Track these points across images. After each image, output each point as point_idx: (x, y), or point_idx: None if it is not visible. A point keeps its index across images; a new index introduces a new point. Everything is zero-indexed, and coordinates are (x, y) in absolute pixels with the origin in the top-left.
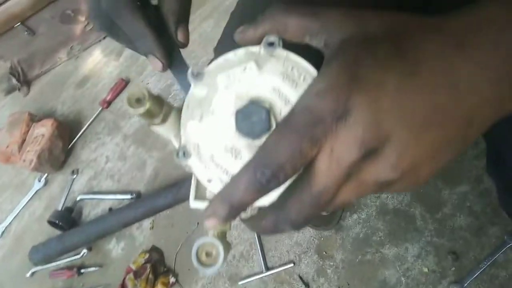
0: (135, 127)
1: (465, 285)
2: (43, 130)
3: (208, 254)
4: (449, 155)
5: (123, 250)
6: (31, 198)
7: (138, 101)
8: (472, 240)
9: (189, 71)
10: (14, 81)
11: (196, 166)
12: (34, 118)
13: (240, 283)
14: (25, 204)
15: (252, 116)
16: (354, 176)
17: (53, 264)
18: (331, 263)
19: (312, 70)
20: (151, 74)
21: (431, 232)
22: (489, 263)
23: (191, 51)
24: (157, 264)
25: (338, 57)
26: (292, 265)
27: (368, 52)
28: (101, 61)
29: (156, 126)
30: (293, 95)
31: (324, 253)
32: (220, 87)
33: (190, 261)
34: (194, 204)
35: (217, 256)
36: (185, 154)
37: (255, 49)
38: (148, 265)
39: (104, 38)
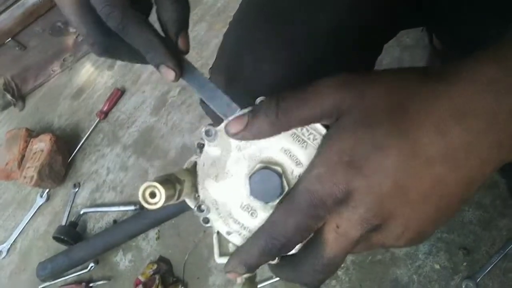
0: (134, 137)
1: (478, 280)
2: (42, 145)
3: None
4: (452, 213)
5: (131, 262)
6: (34, 214)
7: (153, 195)
8: (482, 234)
9: (203, 130)
10: (8, 96)
11: (215, 220)
12: (31, 134)
13: None
14: (29, 221)
15: (265, 182)
16: (363, 242)
17: (61, 279)
18: (342, 265)
19: (321, 129)
20: (146, 82)
21: (441, 228)
22: (501, 256)
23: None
24: (165, 274)
25: (336, 139)
26: None
27: (366, 133)
28: (95, 71)
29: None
30: (303, 156)
31: None
32: (233, 149)
33: (199, 270)
34: (220, 260)
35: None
36: (204, 209)
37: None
38: (157, 276)
39: None
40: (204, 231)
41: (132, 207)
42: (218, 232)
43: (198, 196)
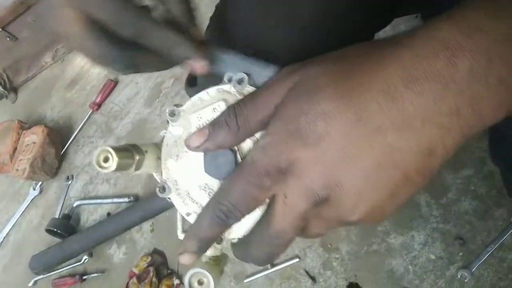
0: (127, 129)
1: (473, 269)
2: (34, 137)
3: (200, 283)
4: (413, 187)
5: (125, 254)
6: (27, 207)
7: (107, 160)
8: (478, 224)
9: (167, 110)
10: (0, 88)
11: (175, 200)
12: (24, 126)
13: (245, 281)
14: (22, 213)
15: (218, 158)
16: (314, 217)
17: (55, 272)
18: (337, 256)
19: None
20: (140, 73)
21: (436, 218)
22: (496, 246)
23: None
24: (160, 267)
25: (281, 112)
26: (297, 260)
27: (308, 102)
28: (88, 62)
29: (134, 171)
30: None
31: (329, 246)
32: (193, 128)
33: (193, 262)
34: (182, 236)
35: (208, 284)
36: (166, 189)
37: (226, 87)
38: (151, 269)
39: None
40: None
41: (126, 200)
42: None
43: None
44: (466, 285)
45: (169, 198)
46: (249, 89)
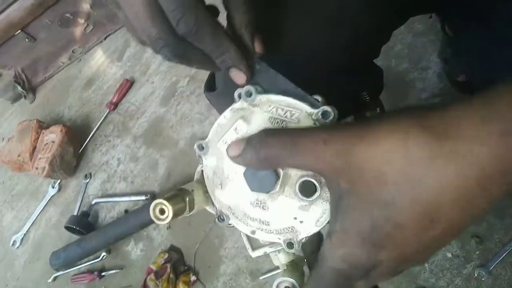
0: (144, 128)
1: (491, 268)
2: (53, 136)
3: None
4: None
5: (142, 251)
6: (46, 204)
7: (163, 212)
8: (495, 222)
9: (195, 146)
10: (19, 89)
11: (237, 224)
12: (42, 125)
13: (261, 278)
14: (41, 211)
15: (257, 173)
16: None
17: (74, 268)
18: None
19: (294, 103)
20: (155, 73)
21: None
22: None
23: None
24: (177, 263)
25: (353, 220)
26: None
27: (381, 213)
28: (104, 62)
29: (189, 213)
30: None
31: None
32: (225, 154)
33: (210, 259)
34: (254, 254)
35: None
36: (224, 218)
37: (238, 105)
38: (169, 265)
39: (105, 39)
40: (215, 220)
41: (143, 197)
42: None
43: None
44: (483, 283)
45: (229, 225)
46: (260, 98)
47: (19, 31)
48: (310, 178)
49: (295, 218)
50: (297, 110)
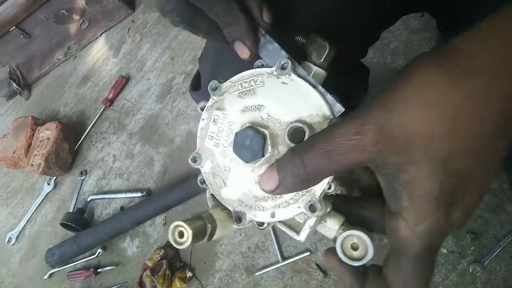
0: (139, 125)
1: (486, 263)
2: (48, 133)
3: (354, 248)
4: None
5: (138, 247)
6: (42, 201)
7: (181, 235)
8: (490, 218)
9: (189, 161)
10: (14, 85)
11: (254, 216)
12: (38, 122)
13: (257, 274)
14: (37, 208)
15: (244, 143)
16: None
17: (70, 265)
18: None
19: (250, 73)
20: (151, 70)
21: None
22: (508, 240)
23: (190, 43)
24: (173, 259)
25: (418, 193)
26: (308, 253)
27: (447, 179)
28: (100, 58)
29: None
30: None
31: None
32: (215, 150)
33: (206, 255)
34: (302, 237)
35: (365, 248)
36: (241, 217)
37: (210, 102)
38: (164, 261)
39: (101, 35)
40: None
41: (138, 194)
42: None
43: (230, 211)
44: (478, 279)
45: (250, 222)
46: (225, 83)
47: (14, 27)
48: (296, 124)
49: None
50: (258, 75)
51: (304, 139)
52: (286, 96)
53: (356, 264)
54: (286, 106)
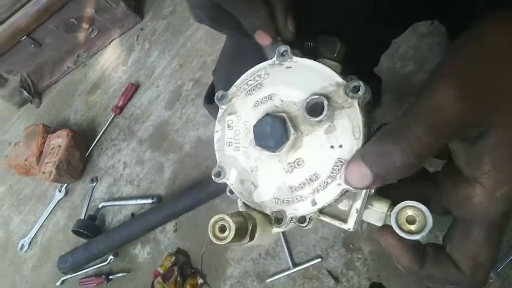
0: (149, 131)
1: (499, 269)
2: (59, 141)
3: (410, 221)
4: None
5: (149, 254)
6: (53, 208)
7: (223, 230)
8: None
9: (212, 176)
10: (25, 93)
11: (295, 210)
12: (48, 130)
13: (268, 280)
14: (48, 215)
15: (265, 132)
16: None
17: (82, 272)
18: (359, 256)
19: (252, 71)
20: (160, 77)
21: None
22: None
23: (198, 49)
24: (184, 266)
25: (503, 151)
26: (319, 260)
27: None
28: (109, 66)
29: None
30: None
31: (351, 246)
32: (236, 154)
33: (217, 261)
34: (350, 225)
35: (424, 222)
36: (281, 217)
37: (220, 113)
38: (176, 268)
39: (110, 43)
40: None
41: (149, 200)
42: (320, 211)
43: (269, 215)
44: (491, 285)
45: (291, 221)
46: (231, 90)
47: (25, 37)
48: (312, 97)
49: (332, 147)
50: (261, 69)
51: (324, 111)
52: (294, 78)
53: (415, 237)
54: (297, 87)
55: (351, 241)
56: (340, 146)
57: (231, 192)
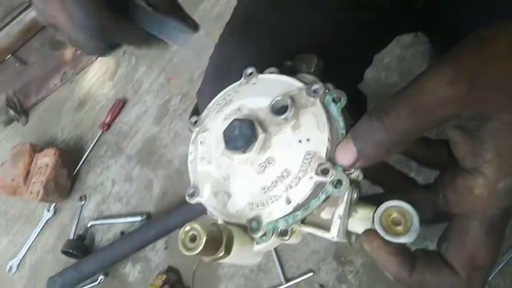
0: (137, 147)
1: (490, 279)
2: (47, 160)
3: (396, 223)
4: None
5: (140, 273)
6: (42, 228)
7: (193, 239)
8: None
9: (187, 197)
10: (11, 112)
11: (270, 213)
12: (36, 148)
13: None
14: (37, 235)
15: (233, 134)
16: None
17: None
18: (351, 269)
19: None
20: (147, 92)
21: None
22: None
23: (185, 65)
24: (175, 284)
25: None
26: (311, 274)
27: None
28: (96, 83)
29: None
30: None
31: (342, 259)
32: (209, 168)
33: (209, 279)
34: (333, 234)
35: (408, 224)
36: (256, 225)
37: (192, 136)
38: (167, 286)
39: (96, 59)
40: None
41: (139, 218)
42: (302, 221)
43: (246, 225)
44: None
45: (273, 229)
46: (205, 111)
47: (10, 55)
48: (277, 99)
49: (300, 141)
50: (230, 90)
51: (289, 108)
52: (260, 89)
53: (402, 240)
54: (263, 95)
55: (342, 254)
56: (308, 140)
57: (211, 213)
